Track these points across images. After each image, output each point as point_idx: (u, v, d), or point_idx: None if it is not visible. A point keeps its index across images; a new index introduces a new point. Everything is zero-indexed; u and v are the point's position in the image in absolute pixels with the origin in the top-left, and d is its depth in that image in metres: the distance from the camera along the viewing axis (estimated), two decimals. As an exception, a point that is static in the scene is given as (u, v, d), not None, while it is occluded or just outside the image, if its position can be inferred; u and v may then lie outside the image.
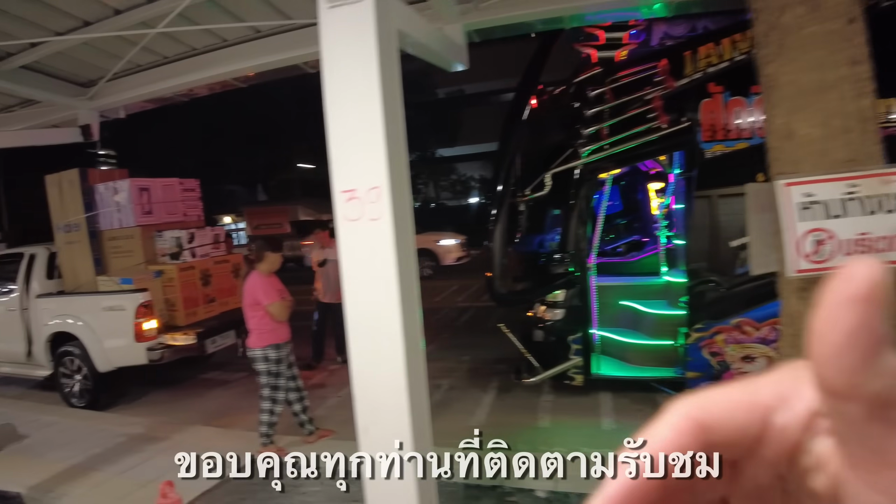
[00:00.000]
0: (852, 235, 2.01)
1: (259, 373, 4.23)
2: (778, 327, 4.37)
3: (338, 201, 2.03)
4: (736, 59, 4.42)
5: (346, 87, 2.02)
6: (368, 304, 2.03)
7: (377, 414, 2.06)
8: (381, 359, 2.02)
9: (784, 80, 2.11)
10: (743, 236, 4.50)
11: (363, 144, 1.99)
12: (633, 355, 5.25)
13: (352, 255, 2.03)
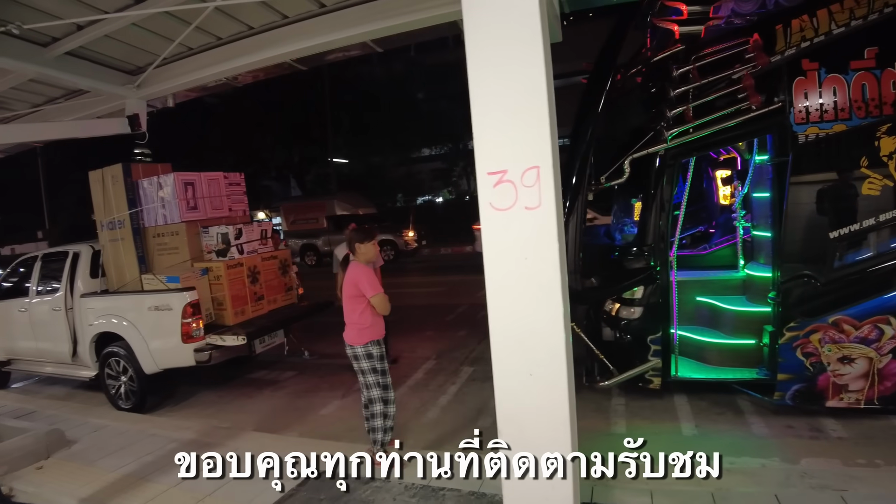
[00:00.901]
0: None
1: (361, 372, 3.99)
2: (883, 326, 4.08)
3: (482, 185, 1.79)
4: (834, 32, 4.08)
5: (498, 46, 1.76)
6: (521, 316, 1.78)
7: (529, 427, 1.84)
8: (539, 376, 1.79)
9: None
10: (841, 226, 4.21)
11: (519, 114, 1.73)
12: (712, 355, 4.97)
13: (499, 253, 1.78)
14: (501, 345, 1.86)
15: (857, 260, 4.22)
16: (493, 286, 1.86)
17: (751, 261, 5.29)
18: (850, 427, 4.19)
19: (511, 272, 1.84)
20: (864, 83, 4.05)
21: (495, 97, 1.80)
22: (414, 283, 11.93)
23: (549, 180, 1.77)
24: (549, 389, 1.88)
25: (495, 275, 1.86)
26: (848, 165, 4.14)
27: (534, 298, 1.84)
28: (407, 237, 18.38)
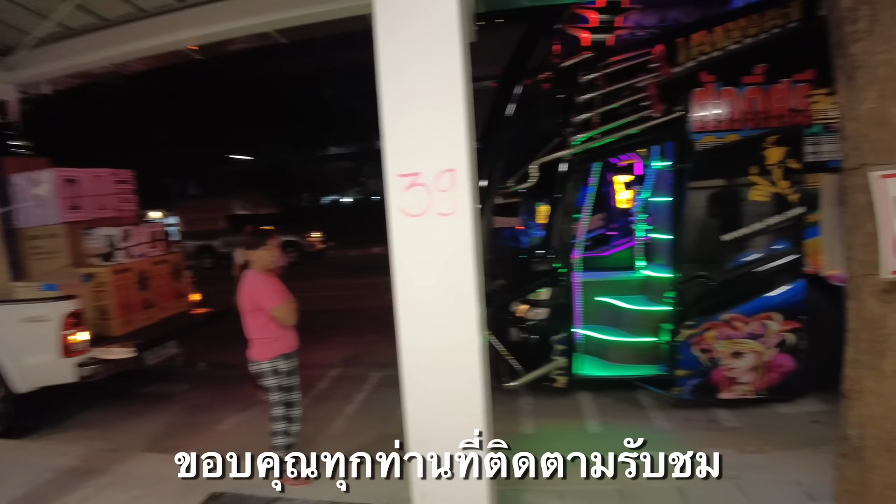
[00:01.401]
0: (951, 233, 1.88)
1: (267, 389, 3.69)
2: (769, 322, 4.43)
3: (392, 189, 1.63)
4: (729, 48, 4.37)
5: (412, 41, 1.62)
6: (435, 331, 1.66)
7: (446, 447, 1.73)
8: (454, 393, 1.68)
9: (877, 60, 1.93)
10: (733, 230, 4.52)
11: (435, 114, 1.60)
12: (614, 353, 5.15)
13: (411, 263, 1.64)
14: (413, 362, 1.74)
15: (746, 261, 4.53)
16: (405, 298, 1.72)
17: (649, 262, 5.57)
18: (742, 417, 4.49)
19: (424, 284, 1.72)
20: (755, 97, 4.37)
21: (409, 94, 1.67)
22: (320, 287, 11.54)
23: (465, 185, 1.67)
24: (466, 408, 1.79)
25: (407, 286, 1.72)
26: (740, 173, 4.45)
27: (449, 312, 1.74)
28: (312, 238, 17.75)
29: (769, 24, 4.31)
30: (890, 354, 1.97)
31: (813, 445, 3.81)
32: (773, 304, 4.45)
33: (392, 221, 1.67)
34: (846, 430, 2.13)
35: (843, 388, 2.18)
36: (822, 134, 4.36)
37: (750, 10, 4.37)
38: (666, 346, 4.81)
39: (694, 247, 4.61)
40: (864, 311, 2.07)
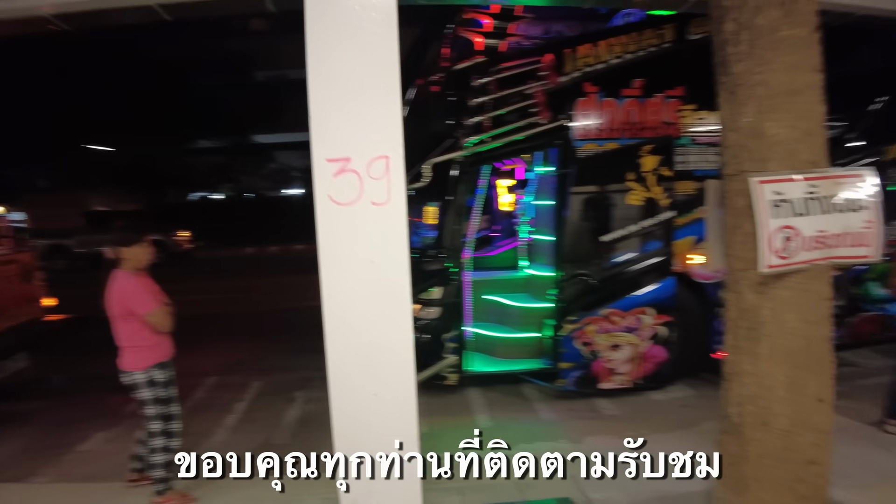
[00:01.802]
0: (813, 233, 2.18)
1: (143, 402, 3.31)
2: (643, 316, 4.84)
3: (319, 174, 1.53)
4: (611, 62, 4.72)
5: (344, 18, 1.54)
6: (366, 327, 1.60)
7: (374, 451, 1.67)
8: (385, 395, 1.63)
9: (755, 79, 2.20)
10: (611, 231, 4.89)
11: (368, 96, 1.53)
12: (501, 349, 5.33)
13: (340, 254, 1.56)
14: (341, 361, 1.67)
15: (623, 261, 4.92)
16: (332, 293, 1.64)
17: (533, 262, 5.85)
18: (620, 405, 4.86)
19: (355, 277, 1.65)
20: (632, 108, 4.76)
21: (339, 74, 1.59)
22: (189, 290, 10.68)
23: (398, 173, 1.63)
24: (398, 409, 1.75)
25: (335, 280, 1.64)
26: (617, 179, 4.82)
27: (381, 307, 1.69)
28: (178, 237, 16.39)
29: (646, 42, 4.73)
30: (764, 340, 2.24)
31: (684, 427, 4.23)
32: (646, 299, 4.88)
33: (319, 210, 1.58)
34: (727, 409, 2.38)
35: (724, 371, 2.44)
36: (689, 145, 4.88)
37: (630, 29, 4.77)
38: (550, 340, 5.07)
39: (575, 247, 4.90)
40: (742, 302, 2.33)
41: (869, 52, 5.50)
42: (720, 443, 2.41)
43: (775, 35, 2.15)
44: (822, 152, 2.22)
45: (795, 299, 2.22)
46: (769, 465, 2.19)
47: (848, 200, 2.20)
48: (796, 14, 2.15)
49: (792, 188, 2.17)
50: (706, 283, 5.12)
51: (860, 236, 2.21)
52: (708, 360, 5.22)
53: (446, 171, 4.79)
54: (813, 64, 2.19)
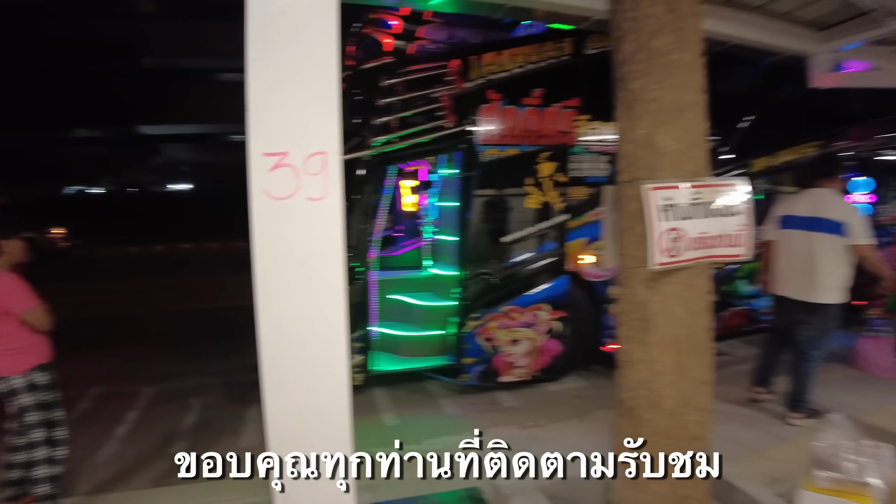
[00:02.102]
0: (696, 234, 2.48)
1: (22, 410, 3.03)
2: (540, 312, 5.14)
3: (255, 168, 1.53)
4: (513, 71, 4.97)
5: (287, 14, 1.54)
6: (301, 322, 1.61)
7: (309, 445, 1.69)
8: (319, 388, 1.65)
9: (649, 96, 2.46)
10: (511, 233, 5.15)
11: (308, 91, 1.54)
12: (406, 348, 5.42)
13: (276, 249, 1.57)
14: (275, 357, 1.67)
15: (521, 260, 5.20)
16: (267, 286, 1.64)
17: (436, 261, 6.00)
18: (519, 397, 5.14)
19: (290, 272, 1.66)
20: (532, 117, 5.05)
21: (279, 66, 1.58)
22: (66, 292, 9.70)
23: (335, 169, 1.67)
24: (331, 402, 1.79)
25: (270, 275, 1.64)
26: (517, 183, 5.09)
27: (316, 302, 1.71)
28: (52, 235, 14.79)
29: (547, 54, 5.04)
30: (654, 330, 2.50)
31: (579, 416, 4.55)
32: (542, 297, 5.20)
33: (254, 204, 1.57)
34: (622, 394, 2.63)
35: (618, 360, 2.69)
36: (582, 153, 5.26)
37: (532, 40, 5.06)
38: (453, 337, 5.24)
39: (477, 247, 5.11)
40: (634, 296, 2.59)
41: (741, 76, 6.28)
42: (616, 425, 2.66)
43: (667, 58, 2.41)
44: (704, 163, 2.53)
45: (681, 293, 2.50)
46: (660, 443, 2.46)
47: (725, 206, 2.52)
48: (685, 40, 2.43)
49: (678, 195, 2.44)
50: (596, 282, 5.56)
51: (735, 238, 2.54)
52: (598, 353, 5.66)
53: (352, 170, 4.79)
54: (698, 85, 2.49)
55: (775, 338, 4.58)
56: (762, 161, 6.56)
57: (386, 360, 5.29)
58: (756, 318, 6.65)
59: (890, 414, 4.45)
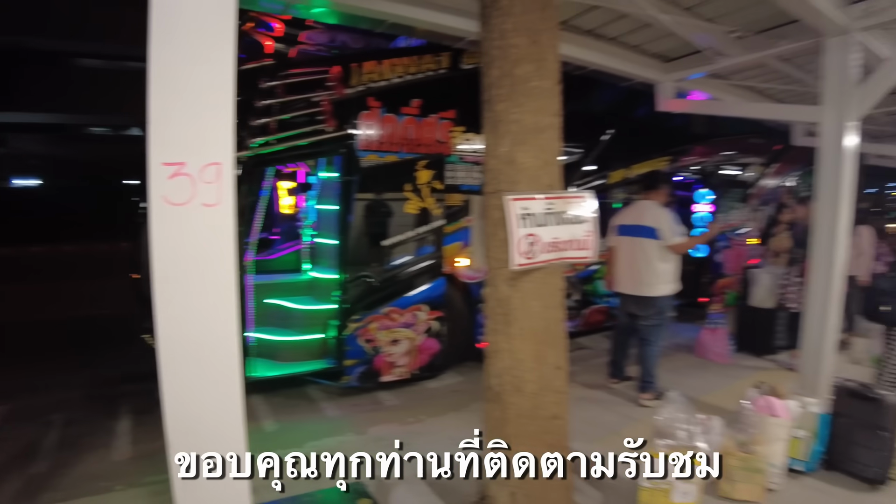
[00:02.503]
0: (549, 239, 2.87)
1: None
2: (419, 313, 5.44)
3: (154, 176, 1.65)
4: (393, 80, 5.22)
5: (192, 28, 1.66)
6: (197, 319, 1.73)
7: (206, 435, 1.80)
8: (215, 381, 1.77)
9: (511, 118, 2.81)
10: (391, 237, 5.39)
11: (205, 105, 1.68)
12: (285, 353, 5.44)
13: (173, 252, 1.68)
14: (173, 352, 1.77)
15: (401, 263, 5.46)
16: (164, 287, 1.75)
17: (315, 265, 6.08)
18: (399, 395, 5.39)
19: (186, 272, 1.79)
20: (410, 125, 5.33)
21: (182, 83, 1.71)
22: None
23: (229, 178, 1.82)
24: (226, 395, 1.91)
25: (168, 275, 1.75)
26: (396, 189, 5.35)
27: (210, 300, 1.84)
28: None
29: (425, 66, 5.36)
30: (515, 322, 2.86)
31: (456, 409, 4.91)
32: (421, 298, 5.50)
33: (153, 209, 1.68)
34: (489, 381, 2.97)
35: (486, 351, 3.02)
36: (457, 163, 5.65)
37: (412, 52, 5.34)
38: (334, 340, 5.37)
39: (358, 251, 5.28)
40: (498, 293, 2.93)
41: (601, 96, 7.07)
42: (486, 410, 2.99)
43: (528, 84, 2.78)
44: (557, 178, 2.94)
45: (538, 290, 2.89)
46: (524, 423, 2.82)
47: (574, 215, 2.94)
48: (544, 69, 2.82)
49: (535, 205, 2.82)
50: (470, 283, 5.97)
51: (583, 242, 2.97)
52: (473, 350, 6.08)
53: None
54: (554, 110, 2.89)
55: (621, 331, 5.30)
56: (619, 173, 7.42)
57: (264, 366, 5.26)
58: (614, 315, 7.49)
59: (723, 393, 5.31)
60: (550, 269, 2.91)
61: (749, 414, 3.52)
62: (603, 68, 5.50)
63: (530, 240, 2.81)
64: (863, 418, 3.59)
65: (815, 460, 3.71)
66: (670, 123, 7.79)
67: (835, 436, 3.72)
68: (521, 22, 2.76)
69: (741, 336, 6.99)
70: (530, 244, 2.81)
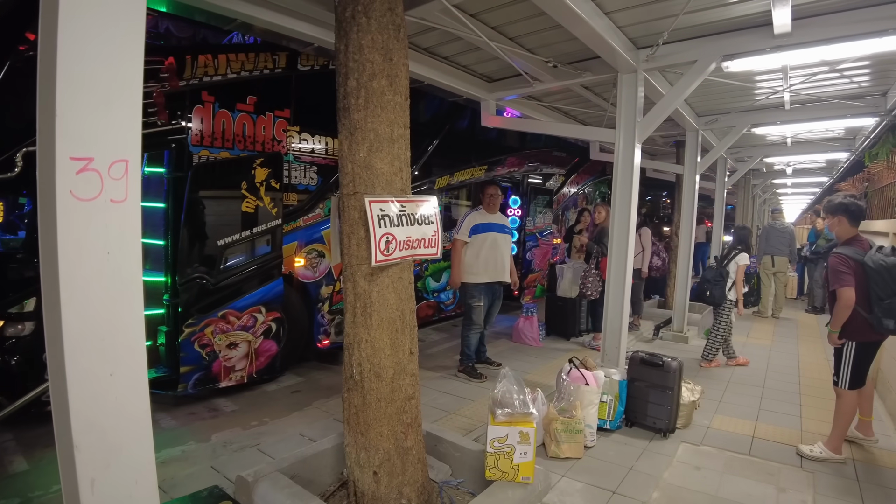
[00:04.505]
0: (404, 238, 3.25)
1: None
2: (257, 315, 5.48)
3: (61, 170, 1.67)
4: (228, 76, 5.20)
5: (99, 15, 1.70)
6: (102, 313, 1.78)
7: (111, 430, 1.85)
8: (120, 374, 1.83)
9: (368, 126, 3.14)
10: (227, 236, 5.35)
11: (114, 99, 1.72)
12: None
13: (80, 247, 1.72)
14: (78, 346, 1.80)
15: (238, 264, 5.44)
16: (70, 283, 1.79)
17: (146, 267, 5.76)
18: (238, 400, 5.38)
19: (92, 267, 1.83)
20: (245, 122, 5.35)
21: (90, 79, 1.71)
22: None
23: (136, 174, 1.86)
24: (132, 387, 1.95)
25: (74, 270, 1.78)
26: (232, 186, 5.32)
27: (116, 295, 1.89)
28: None
29: (262, 64, 5.41)
30: (374, 314, 3.19)
31: (299, 409, 5.08)
32: (259, 299, 5.54)
33: (61, 204, 1.70)
34: (350, 371, 3.25)
35: (346, 342, 3.31)
36: (293, 162, 5.79)
37: (249, 49, 5.36)
38: (165, 347, 5.18)
39: (191, 251, 5.16)
40: (357, 288, 3.24)
41: (429, 108, 7.70)
42: (345, 399, 3.28)
43: (383, 97, 3.13)
44: (408, 183, 3.34)
45: (393, 284, 3.26)
46: (384, 406, 3.17)
47: (423, 216, 3.37)
48: (397, 85, 3.19)
49: (390, 207, 3.19)
50: (308, 283, 6.15)
51: (430, 241, 3.41)
52: (312, 349, 6.26)
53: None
54: (405, 122, 3.27)
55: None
56: (444, 179, 8.13)
57: None
58: (442, 309, 8.17)
59: (540, 371, 6.19)
60: (404, 265, 3.30)
61: (566, 385, 4.28)
62: (437, 84, 6.08)
63: (387, 238, 3.17)
64: (653, 381, 4.58)
65: (619, 419, 4.64)
66: (486, 136, 8.72)
67: (632, 397, 4.68)
68: (378, 40, 3.10)
69: (550, 322, 8.14)
70: (387, 242, 3.18)
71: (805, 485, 3.82)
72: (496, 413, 3.47)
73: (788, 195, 23.63)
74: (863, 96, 6.65)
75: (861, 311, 3.99)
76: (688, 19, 4.52)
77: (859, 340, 4.11)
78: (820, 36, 4.40)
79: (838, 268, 4.04)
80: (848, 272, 3.99)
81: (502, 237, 6.18)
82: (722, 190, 10.80)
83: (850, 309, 3.98)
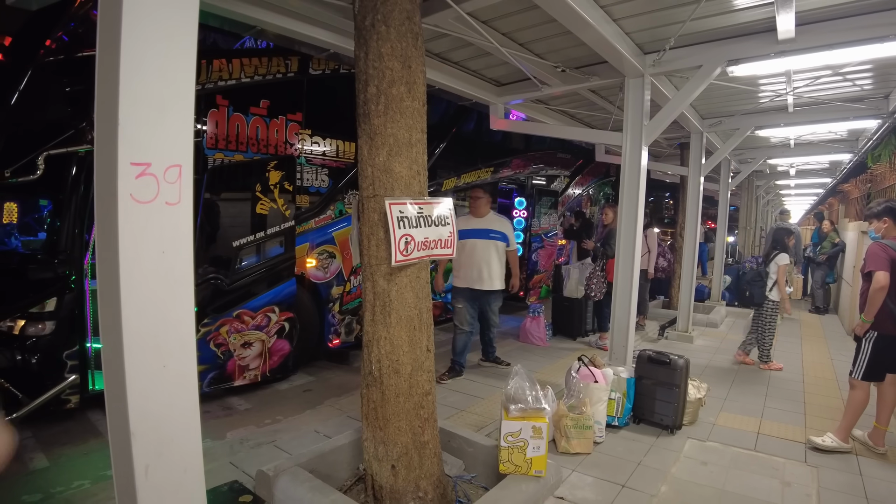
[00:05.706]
0: (422, 239, 3.40)
1: None
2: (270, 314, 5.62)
3: (122, 175, 1.82)
4: (242, 80, 5.34)
5: (159, 38, 1.86)
6: (155, 309, 1.92)
7: (165, 420, 1.99)
8: (171, 367, 1.97)
9: (387, 131, 3.28)
10: (241, 237, 5.50)
11: (168, 108, 1.87)
12: None
13: (138, 247, 1.87)
14: (135, 339, 1.94)
15: (252, 264, 5.59)
16: (129, 280, 1.93)
17: None
18: (251, 399, 5.53)
19: (148, 266, 1.96)
20: (258, 126, 5.50)
21: (148, 90, 1.83)
22: None
23: (188, 179, 2.01)
24: (182, 380, 2.08)
25: (132, 269, 1.92)
26: (246, 189, 5.48)
27: (169, 292, 2.03)
28: None
29: (274, 69, 5.56)
30: (393, 313, 3.34)
31: (312, 407, 5.22)
32: (272, 299, 5.69)
33: (122, 207, 1.84)
34: (369, 368, 3.39)
35: (364, 340, 3.44)
36: (305, 165, 5.94)
37: (262, 53, 5.51)
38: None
39: (207, 252, 5.30)
40: (377, 288, 3.38)
41: (437, 111, 7.87)
42: (364, 395, 3.42)
43: (402, 103, 3.28)
44: (425, 186, 3.48)
45: (411, 283, 3.40)
46: (402, 401, 3.31)
47: (440, 217, 3.51)
48: (415, 91, 3.34)
49: (409, 209, 3.34)
50: (319, 284, 6.30)
51: (447, 241, 3.55)
52: (323, 349, 6.40)
53: (65, 165, 4.54)
54: (422, 127, 3.42)
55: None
56: (451, 181, 8.29)
57: None
58: (449, 310, 8.33)
59: (547, 370, 6.33)
60: (421, 265, 3.45)
61: (576, 382, 4.43)
62: (448, 88, 6.24)
63: (406, 239, 3.32)
64: (660, 379, 4.72)
65: (627, 415, 4.78)
66: (491, 138, 8.88)
67: (640, 394, 4.82)
68: (397, 48, 3.25)
69: (557, 322, 8.29)
70: (406, 243, 3.32)
71: (809, 479, 3.96)
72: (509, 408, 3.61)
73: (791, 196, 23.83)
74: (865, 99, 6.83)
75: (889, 303, 4.19)
76: (694, 25, 4.68)
77: (881, 332, 4.28)
78: (822, 41, 4.57)
79: (878, 252, 4.26)
80: (885, 257, 4.21)
81: (482, 243, 6.02)
82: (726, 191, 10.96)
83: (884, 291, 4.17)
